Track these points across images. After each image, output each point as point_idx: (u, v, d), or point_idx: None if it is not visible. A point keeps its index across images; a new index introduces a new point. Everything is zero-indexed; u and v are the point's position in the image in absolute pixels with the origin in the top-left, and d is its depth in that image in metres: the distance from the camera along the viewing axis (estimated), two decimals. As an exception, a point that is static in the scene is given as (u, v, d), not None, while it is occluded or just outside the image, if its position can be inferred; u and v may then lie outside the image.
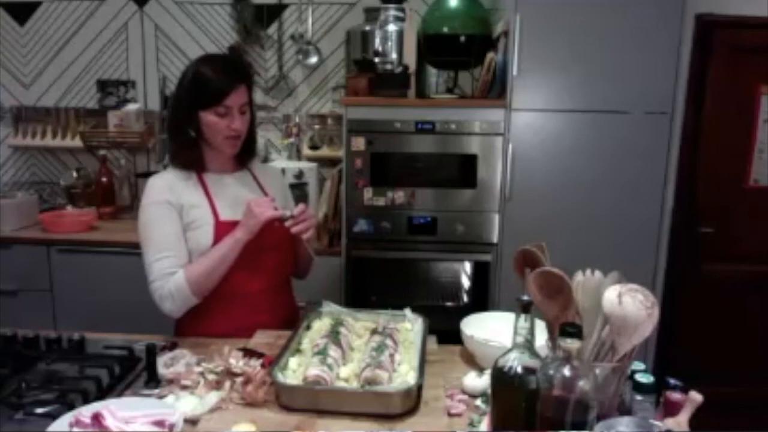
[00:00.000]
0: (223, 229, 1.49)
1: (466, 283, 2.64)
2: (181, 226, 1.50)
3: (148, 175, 2.97)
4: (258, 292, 1.55)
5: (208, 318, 1.53)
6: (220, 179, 1.58)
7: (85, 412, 1.03)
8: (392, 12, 2.38)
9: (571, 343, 0.90)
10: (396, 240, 2.43)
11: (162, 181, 1.54)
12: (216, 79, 1.46)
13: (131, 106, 3.02)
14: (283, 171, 2.44)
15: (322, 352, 1.23)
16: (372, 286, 2.50)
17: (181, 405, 1.11)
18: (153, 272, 1.46)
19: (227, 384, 1.21)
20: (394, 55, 2.38)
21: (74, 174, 3.07)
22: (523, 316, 0.97)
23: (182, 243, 1.49)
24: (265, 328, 1.53)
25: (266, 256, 1.54)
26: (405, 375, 1.22)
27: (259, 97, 3.00)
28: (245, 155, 1.62)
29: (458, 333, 1.42)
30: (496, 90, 2.41)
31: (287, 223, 1.46)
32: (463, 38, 2.48)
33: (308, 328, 1.45)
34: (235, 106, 1.47)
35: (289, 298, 1.71)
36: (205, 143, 1.53)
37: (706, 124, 2.65)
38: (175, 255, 1.47)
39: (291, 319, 1.60)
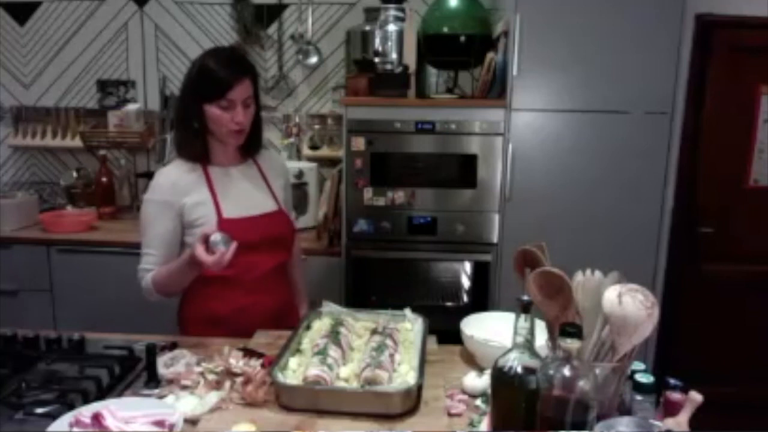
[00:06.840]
0: (226, 227, 1.48)
1: (466, 283, 2.64)
2: (175, 226, 1.54)
3: (148, 175, 2.98)
4: (259, 275, 1.58)
5: (208, 299, 1.57)
6: (225, 173, 1.60)
7: (85, 412, 1.03)
8: (392, 12, 2.38)
9: (571, 343, 0.90)
10: (396, 240, 2.43)
11: (166, 179, 1.55)
12: (220, 72, 1.47)
13: (131, 106, 3.02)
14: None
15: (322, 352, 1.23)
16: (372, 286, 2.50)
17: (181, 405, 1.11)
18: (140, 262, 1.57)
19: (227, 384, 1.21)
20: (394, 55, 2.38)
21: (74, 174, 3.07)
22: (523, 316, 0.97)
23: (168, 244, 1.54)
24: (265, 309, 1.58)
25: (266, 242, 1.58)
26: (405, 375, 1.22)
27: (259, 97, 3.00)
28: (251, 148, 1.65)
29: (458, 333, 1.42)
30: (496, 90, 2.41)
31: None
32: (463, 38, 2.47)
33: (308, 328, 1.46)
34: (238, 99, 1.48)
35: (286, 280, 1.74)
36: (211, 135, 1.55)
37: (706, 124, 2.65)
38: (156, 254, 1.54)
39: (291, 301, 1.71)
